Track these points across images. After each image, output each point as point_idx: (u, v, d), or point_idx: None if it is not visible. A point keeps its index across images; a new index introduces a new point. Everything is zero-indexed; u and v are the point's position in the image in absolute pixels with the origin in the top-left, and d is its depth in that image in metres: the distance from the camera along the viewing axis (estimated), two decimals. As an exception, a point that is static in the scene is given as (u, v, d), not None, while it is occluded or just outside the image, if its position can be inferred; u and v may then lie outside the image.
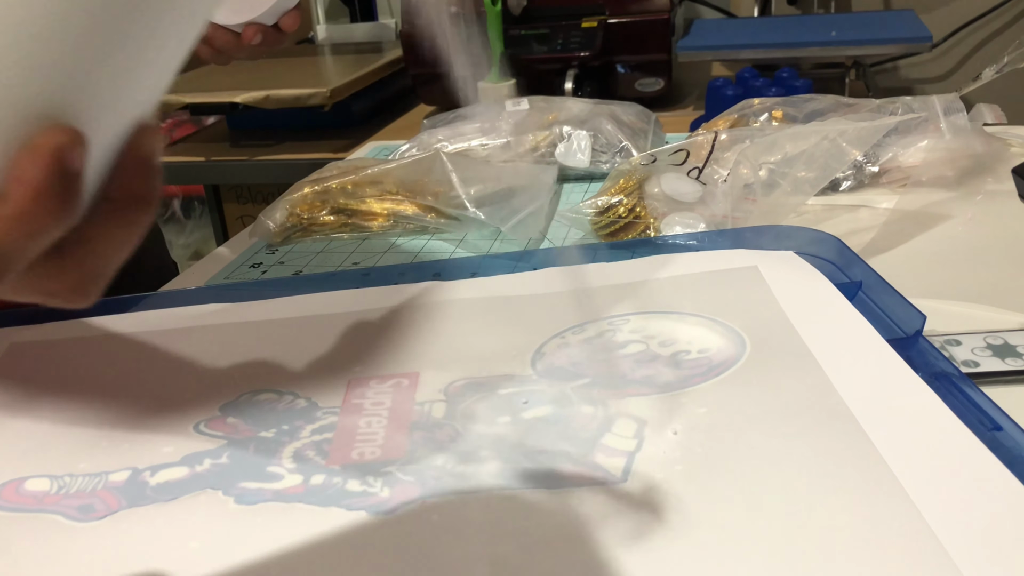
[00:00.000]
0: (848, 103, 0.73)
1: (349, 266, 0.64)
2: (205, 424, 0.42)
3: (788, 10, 1.47)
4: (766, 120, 0.74)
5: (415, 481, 0.37)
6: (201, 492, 0.37)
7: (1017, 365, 0.42)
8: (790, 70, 0.92)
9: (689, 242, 0.57)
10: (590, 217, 0.65)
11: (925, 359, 0.42)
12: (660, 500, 0.34)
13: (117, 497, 0.38)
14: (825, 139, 0.60)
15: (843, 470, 0.34)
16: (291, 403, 0.43)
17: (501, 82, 1.02)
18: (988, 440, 0.35)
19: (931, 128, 0.69)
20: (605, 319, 0.48)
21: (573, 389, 0.42)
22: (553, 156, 0.79)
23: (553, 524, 0.33)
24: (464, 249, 0.66)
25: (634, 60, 1.07)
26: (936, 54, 1.52)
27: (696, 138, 0.66)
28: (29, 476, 0.40)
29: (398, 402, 0.43)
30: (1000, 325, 0.46)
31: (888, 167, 0.69)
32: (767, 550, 0.31)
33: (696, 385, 0.41)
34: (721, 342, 0.45)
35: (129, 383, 0.47)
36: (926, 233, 0.61)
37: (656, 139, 0.84)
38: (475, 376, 0.44)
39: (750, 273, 0.51)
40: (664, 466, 0.36)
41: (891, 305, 0.46)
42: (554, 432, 0.39)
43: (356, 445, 0.40)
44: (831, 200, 0.67)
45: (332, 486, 0.37)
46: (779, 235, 0.55)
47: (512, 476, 0.36)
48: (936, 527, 0.31)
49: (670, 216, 0.62)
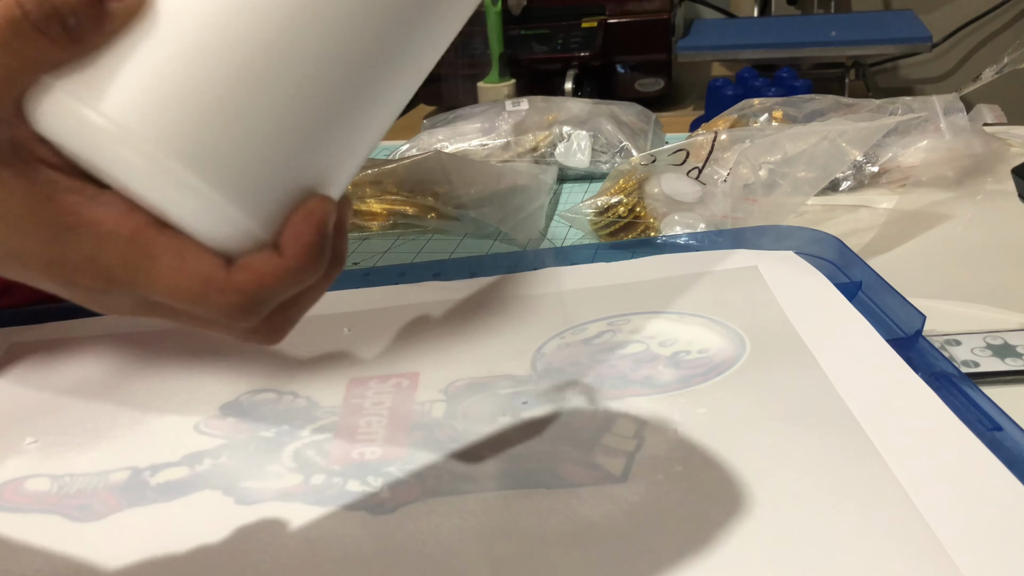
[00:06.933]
0: (848, 103, 0.73)
1: (349, 266, 0.64)
2: (205, 424, 0.42)
3: (788, 10, 1.47)
4: (766, 120, 0.74)
5: (415, 481, 0.37)
6: (201, 492, 0.37)
7: (1017, 365, 0.42)
8: (790, 70, 0.92)
9: (689, 242, 0.57)
10: (590, 217, 0.65)
11: (925, 359, 0.42)
12: (660, 500, 0.34)
13: (117, 497, 0.38)
14: (825, 139, 0.60)
15: (843, 470, 0.34)
16: (291, 403, 0.43)
17: (501, 82, 1.02)
18: (988, 440, 0.35)
19: (931, 128, 0.69)
20: (605, 319, 0.48)
21: (573, 389, 0.42)
22: (553, 156, 0.79)
23: (553, 524, 0.33)
24: (464, 249, 0.66)
25: (634, 60, 1.07)
26: (936, 54, 1.51)
27: (696, 138, 0.66)
28: (29, 476, 0.40)
29: (398, 402, 0.43)
30: (1000, 325, 0.46)
31: (888, 167, 0.69)
32: (768, 550, 0.31)
33: (696, 385, 0.41)
34: (721, 342, 0.45)
35: (129, 383, 0.47)
36: (926, 233, 0.60)
37: (656, 139, 0.84)
38: (475, 376, 0.44)
39: (750, 273, 0.51)
40: (664, 466, 0.36)
41: (891, 305, 0.46)
42: (554, 432, 0.39)
43: (356, 445, 0.40)
44: (831, 200, 0.67)
45: (332, 486, 0.37)
46: (779, 235, 0.56)
47: (512, 476, 0.36)
48: (936, 527, 0.31)
49: (670, 216, 0.62)
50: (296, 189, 0.24)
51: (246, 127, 0.23)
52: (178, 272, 0.23)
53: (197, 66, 0.22)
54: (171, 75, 0.22)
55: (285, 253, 0.24)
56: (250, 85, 0.23)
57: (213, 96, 0.22)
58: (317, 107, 0.24)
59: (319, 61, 0.23)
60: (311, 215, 0.24)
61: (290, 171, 0.24)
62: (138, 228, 0.23)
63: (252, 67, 0.23)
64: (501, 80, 1.03)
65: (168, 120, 0.22)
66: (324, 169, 0.25)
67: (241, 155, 0.23)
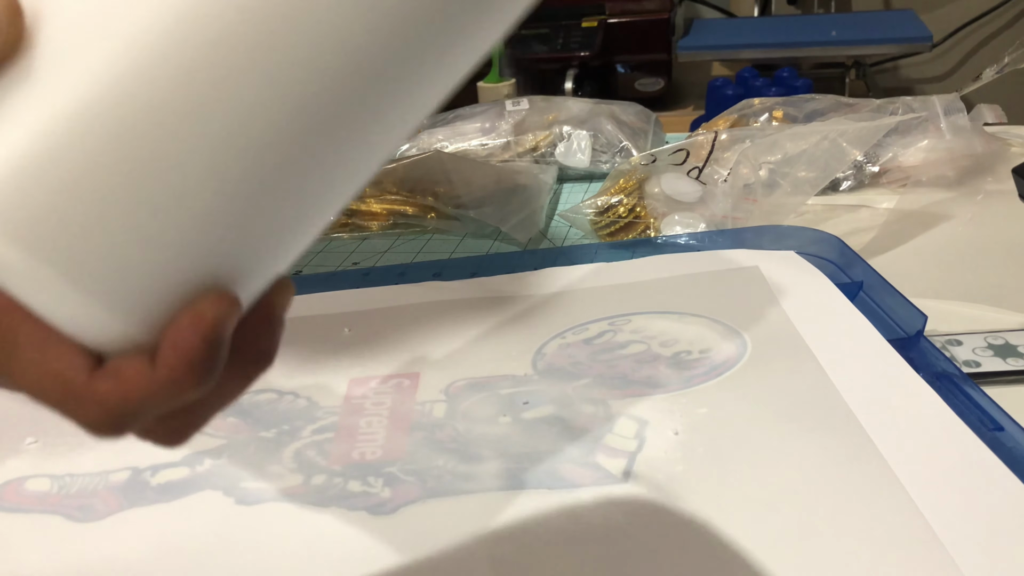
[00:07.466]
0: (848, 103, 0.73)
1: (349, 266, 0.64)
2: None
3: (788, 10, 1.47)
4: (766, 120, 0.74)
5: (416, 481, 0.37)
6: (202, 492, 0.37)
7: (1018, 365, 0.42)
8: (790, 70, 0.92)
9: (689, 242, 0.57)
10: (590, 217, 0.64)
11: (926, 359, 0.42)
12: (661, 501, 0.34)
13: (118, 497, 0.38)
14: (825, 139, 0.60)
15: (844, 470, 0.34)
16: (292, 403, 0.43)
17: (501, 82, 1.02)
18: (989, 440, 0.35)
19: (931, 128, 0.69)
20: (606, 319, 0.48)
21: (574, 389, 0.42)
22: (553, 156, 0.79)
23: (554, 524, 0.33)
24: (464, 249, 0.66)
25: (634, 60, 1.07)
26: (936, 54, 1.52)
27: (696, 138, 0.66)
28: (29, 476, 0.40)
29: (399, 402, 0.43)
30: (1001, 325, 0.46)
31: (888, 167, 0.69)
32: (768, 550, 0.31)
33: (697, 385, 0.41)
34: (722, 342, 0.45)
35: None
36: (927, 233, 0.60)
37: (656, 139, 0.84)
38: (476, 376, 0.44)
39: (751, 273, 0.51)
40: (665, 467, 0.36)
41: (892, 305, 0.46)
42: (555, 432, 0.39)
43: (357, 445, 0.40)
44: (831, 200, 0.67)
45: (333, 486, 0.37)
46: (779, 235, 0.55)
47: (513, 476, 0.36)
48: (937, 527, 0.31)
49: (670, 216, 0.62)
50: (186, 284, 0.19)
51: (119, 213, 0.18)
52: (38, 369, 0.20)
53: (60, 137, 0.18)
54: (25, 147, 0.18)
55: (159, 363, 0.20)
56: (127, 164, 0.18)
57: (77, 176, 0.18)
58: (219, 192, 0.19)
59: (223, 140, 0.18)
60: (198, 320, 0.19)
61: (179, 265, 0.19)
62: (2, 310, 0.19)
63: (131, 142, 0.18)
64: (501, 80, 1.03)
65: (18, 202, 0.18)
66: (232, 260, 0.20)
67: (110, 247, 0.18)
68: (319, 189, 0.20)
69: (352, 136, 0.20)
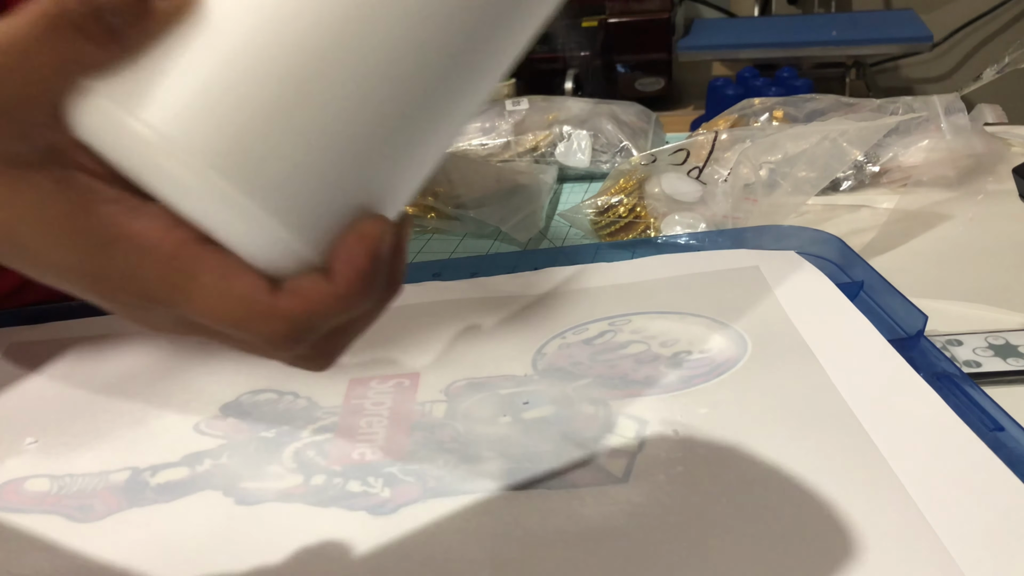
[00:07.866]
0: (848, 103, 0.73)
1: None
2: (205, 424, 0.42)
3: (788, 10, 1.47)
4: (766, 120, 0.74)
5: (416, 481, 0.37)
6: (201, 492, 0.37)
7: (1019, 365, 0.42)
8: (790, 70, 0.92)
9: (689, 242, 0.57)
10: (590, 217, 0.64)
11: (927, 359, 0.41)
12: (661, 501, 0.34)
13: (117, 497, 0.38)
14: (826, 139, 0.60)
15: (845, 470, 0.34)
16: (291, 403, 0.43)
17: (501, 81, 1.02)
18: (990, 440, 0.35)
19: (932, 128, 0.69)
20: (606, 319, 0.48)
21: (574, 389, 0.42)
22: (553, 156, 0.79)
23: (554, 525, 0.33)
24: (464, 249, 0.66)
25: (634, 60, 1.07)
26: (936, 54, 1.51)
27: (696, 138, 0.65)
28: (29, 476, 0.40)
29: (399, 402, 0.43)
30: (1002, 325, 0.46)
31: (889, 167, 0.69)
32: (769, 550, 0.31)
33: (698, 385, 0.41)
34: (722, 342, 0.45)
35: (129, 383, 0.47)
36: (927, 233, 0.60)
37: (656, 139, 0.84)
38: (476, 376, 0.44)
39: (751, 273, 0.51)
40: (665, 467, 0.36)
41: (892, 305, 0.46)
42: (555, 432, 0.39)
43: (357, 445, 0.40)
44: (832, 200, 0.67)
45: (333, 486, 0.37)
46: (780, 235, 0.55)
47: (513, 477, 0.36)
48: (938, 527, 0.31)
49: (670, 216, 0.62)
50: (350, 208, 0.22)
51: (298, 141, 0.21)
52: (220, 294, 0.22)
53: (247, 74, 0.21)
54: (218, 83, 0.21)
55: (335, 279, 0.22)
56: (304, 96, 0.21)
57: (263, 107, 0.21)
58: (376, 122, 0.22)
59: (380, 73, 0.22)
60: (365, 238, 0.22)
61: (344, 189, 0.22)
62: (180, 244, 0.22)
63: (307, 77, 0.21)
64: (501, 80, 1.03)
65: (213, 132, 0.21)
66: (381, 187, 0.23)
67: (291, 171, 0.21)
68: (443, 127, 0.24)
69: (462, 80, 0.24)
